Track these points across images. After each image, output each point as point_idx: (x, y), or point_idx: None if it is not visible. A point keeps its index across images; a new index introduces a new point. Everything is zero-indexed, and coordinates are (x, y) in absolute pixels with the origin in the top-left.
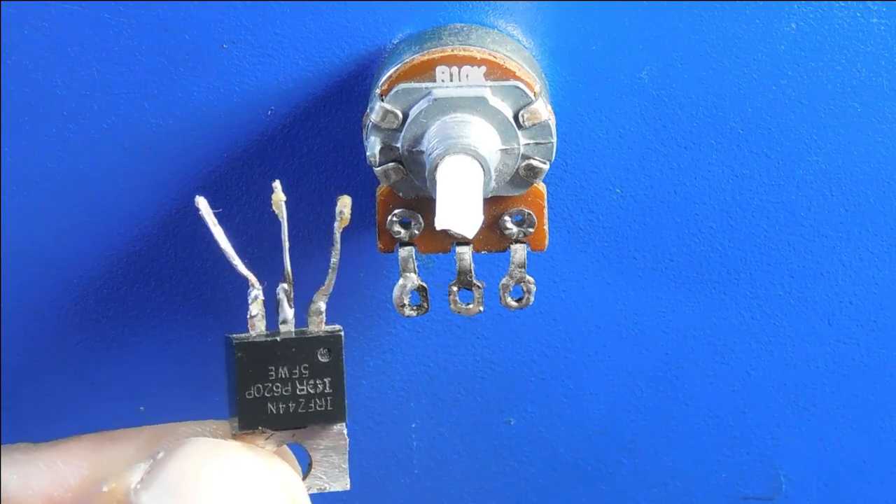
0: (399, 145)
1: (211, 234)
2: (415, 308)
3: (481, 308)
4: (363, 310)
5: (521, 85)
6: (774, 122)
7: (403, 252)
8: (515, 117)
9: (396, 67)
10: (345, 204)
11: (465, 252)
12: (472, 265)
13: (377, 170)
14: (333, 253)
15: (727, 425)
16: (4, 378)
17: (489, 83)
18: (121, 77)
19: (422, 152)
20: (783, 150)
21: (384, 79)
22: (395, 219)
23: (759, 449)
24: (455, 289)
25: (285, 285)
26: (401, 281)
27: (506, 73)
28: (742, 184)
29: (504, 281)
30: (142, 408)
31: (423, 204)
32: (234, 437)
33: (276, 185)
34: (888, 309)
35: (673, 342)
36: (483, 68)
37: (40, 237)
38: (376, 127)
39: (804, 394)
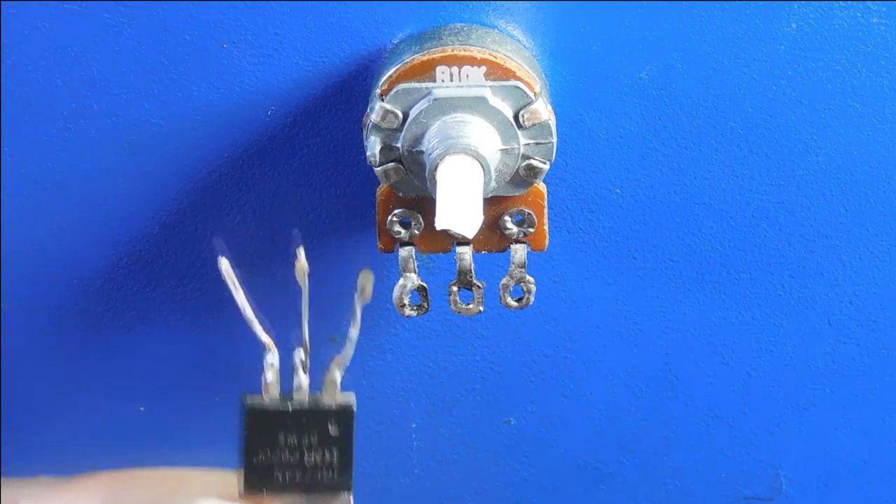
0: (399, 145)
1: (230, 291)
2: (415, 308)
3: (481, 308)
4: (363, 310)
5: (522, 85)
6: (774, 122)
7: (403, 252)
8: (516, 117)
9: (396, 67)
10: (367, 279)
11: (466, 252)
12: (473, 265)
13: (377, 170)
14: (353, 326)
15: (727, 425)
16: (4, 378)
17: (489, 83)
18: (121, 77)
19: (422, 152)
20: (783, 150)
21: (384, 79)
22: (395, 219)
23: (759, 449)
24: (455, 289)
25: (302, 353)
26: (401, 281)
27: (506, 73)
28: (742, 184)
29: (504, 281)
30: (142, 408)
31: (423, 204)
32: (241, 496)
33: (300, 251)
34: (888, 309)
35: (673, 342)
36: (483, 68)
37: (40, 237)
38: (376, 127)
39: (804, 394)
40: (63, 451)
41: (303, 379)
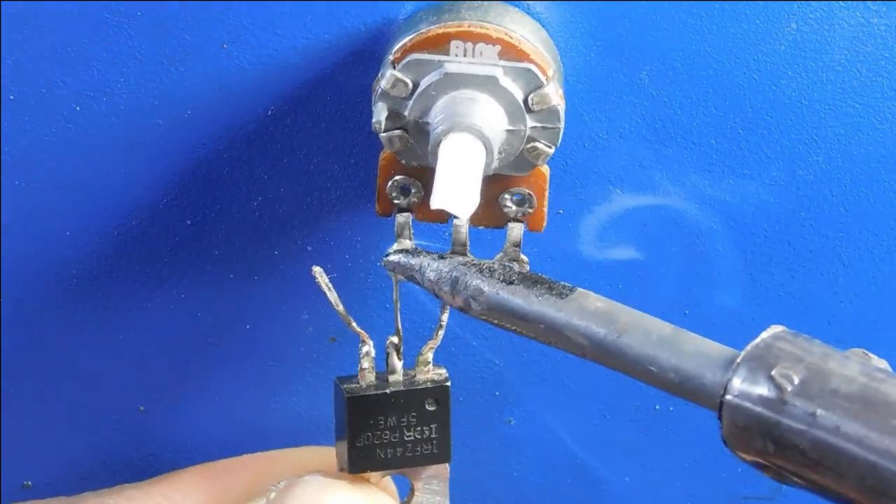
0: (406, 113)
1: (326, 297)
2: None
3: None
4: (363, 310)
5: (534, 68)
6: (774, 122)
7: (400, 218)
8: (525, 100)
9: (411, 37)
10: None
11: (462, 225)
12: (468, 238)
13: (382, 136)
14: (443, 313)
15: None
16: (4, 378)
17: (502, 63)
18: (121, 77)
19: (428, 123)
20: (783, 150)
21: (398, 46)
22: (395, 184)
23: None
24: None
25: (395, 339)
26: (395, 246)
27: (520, 55)
28: (742, 184)
29: (497, 257)
30: (141, 407)
31: (425, 173)
32: (342, 470)
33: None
34: (888, 309)
35: None
36: (498, 47)
37: (40, 237)
38: (385, 94)
39: None
40: (63, 451)
41: (396, 364)
